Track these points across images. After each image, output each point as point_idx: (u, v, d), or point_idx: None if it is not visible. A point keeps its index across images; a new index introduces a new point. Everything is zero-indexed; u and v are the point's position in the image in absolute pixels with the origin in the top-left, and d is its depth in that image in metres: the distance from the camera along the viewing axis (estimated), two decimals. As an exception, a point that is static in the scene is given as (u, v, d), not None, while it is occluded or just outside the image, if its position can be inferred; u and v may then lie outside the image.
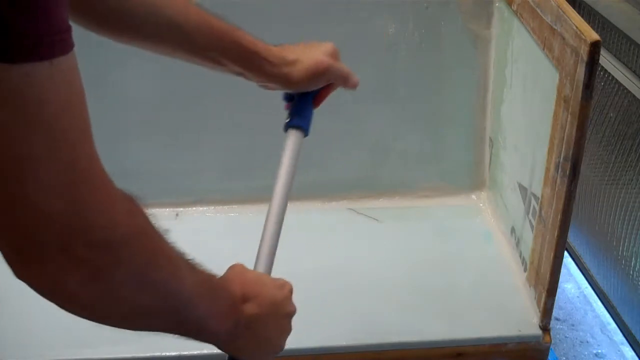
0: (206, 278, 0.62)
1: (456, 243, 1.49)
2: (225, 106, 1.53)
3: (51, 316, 1.30)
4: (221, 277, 0.66)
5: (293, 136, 0.91)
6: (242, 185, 1.59)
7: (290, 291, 0.74)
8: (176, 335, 0.61)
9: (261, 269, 0.79)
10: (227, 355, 0.70)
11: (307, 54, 0.91)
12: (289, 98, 0.96)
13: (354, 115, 1.56)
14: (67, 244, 0.47)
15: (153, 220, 0.56)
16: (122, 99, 1.50)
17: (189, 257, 0.60)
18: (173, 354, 1.21)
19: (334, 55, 0.95)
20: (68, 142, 0.47)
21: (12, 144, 0.44)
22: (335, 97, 1.56)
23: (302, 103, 0.94)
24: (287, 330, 0.74)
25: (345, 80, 0.98)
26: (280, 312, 0.71)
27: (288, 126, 0.92)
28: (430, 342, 1.26)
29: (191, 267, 0.60)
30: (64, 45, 0.48)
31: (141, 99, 1.51)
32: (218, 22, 0.85)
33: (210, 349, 1.30)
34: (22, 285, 0.61)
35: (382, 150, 1.60)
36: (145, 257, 0.53)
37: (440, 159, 1.61)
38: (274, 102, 1.55)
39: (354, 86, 1.00)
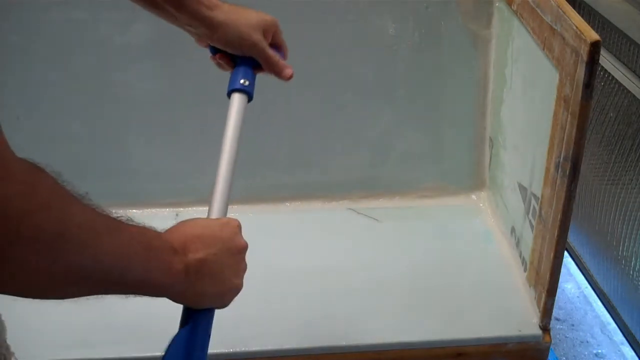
0: (136, 237, 0.61)
1: (456, 243, 1.49)
2: (225, 106, 1.53)
3: (51, 316, 1.31)
4: (159, 232, 0.65)
5: (237, 100, 0.92)
6: (242, 185, 1.59)
7: (237, 227, 0.72)
8: (127, 295, 0.61)
9: (214, 216, 0.79)
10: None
11: (237, 23, 0.92)
12: (213, 51, 0.96)
13: (354, 115, 1.56)
14: None
15: (65, 190, 0.55)
16: (123, 99, 1.50)
17: (116, 218, 0.59)
18: (173, 354, 1.21)
19: (268, 30, 0.95)
20: None
21: None
22: (336, 97, 1.57)
23: (245, 67, 0.94)
24: (242, 266, 0.72)
25: (269, 66, 0.96)
26: (229, 249, 0.69)
27: (231, 89, 0.92)
28: (430, 342, 1.26)
29: (115, 229, 0.59)
30: None
31: (141, 99, 1.51)
32: None
33: (210, 348, 1.30)
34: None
35: (382, 150, 1.60)
36: (51, 231, 0.52)
37: (440, 159, 1.61)
38: (274, 102, 1.56)
39: (282, 78, 0.98)
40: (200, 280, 0.66)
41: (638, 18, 1.52)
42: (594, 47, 1.03)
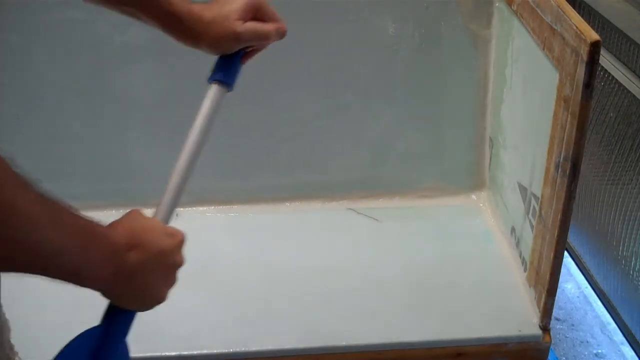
0: (78, 229, 0.61)
1: (456, 243, 1.49)
2: (225, 106, 1.53)
3: (51, 317, 1.31)
4: (103, 226, 0.65)
5: (214, 90, 0.90)
6: (242, 185, 1.59)
7: (182, 242, 0.72)
8: (60, 281, 0.61)
9: (160, 217, 0.77)
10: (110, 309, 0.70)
11: (221, 17, 0.88)
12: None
13: (354, 115, 1.56)
14: None
15: (14, 174, 0.56)
16: (123, 98, 1.50)
17: (59, 208, 0.60)
18: (173, 354, 1.21)
19: (250, 11, 0.90)
20: None
21: None
22: (336, 98, 1.57)
23: (228, 58, 0.91)
24: (172, 281, 0.71)
25: (265, 38, 0.92)
26: (166, 261, 0.69)
27: (211, 80, 0.90)
28: (430, 342, 1.26)
29: (57, 220, 0.59)
30: None
31: (141, 99, 1.51)
32: None
33: (210, 348, 1.30)
34: (22, 286, 0.61)
35: (382, 150, 1.60)
36: None
37: (440, 159, 1.61)
38: (274, 102, 1.56)
39: (279, 38, 0.94)
40: (129, 283, 0.66)
41: (638, 18, 1.52)
42: (594, 47, 1.03)
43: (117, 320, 0.71)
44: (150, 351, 1.21)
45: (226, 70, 0.90)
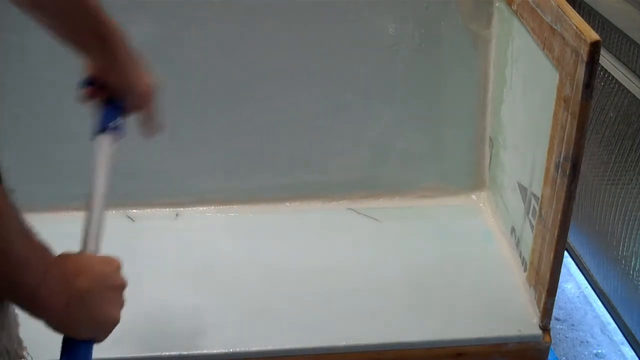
0: (39, 248, 0.65)
1: (456, 243, 1.49)
2: (225, 106, 1.53)
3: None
4: (55, 255, 0.68)
5: (102, 139, 0.92)
6: (242, 185, 1.59)
7: (119, 266, 0.76)
8: (11, 302, 0.65)
9: (90, 250, 0.80)
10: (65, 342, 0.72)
11: (137, 84, 0.99)
12: (87, 83, 0.98)
13: (354, 115, 1.56)
14: None
15: None
16: (122, 99, 1.50)
17: (25, 226, 0.63)
18: (173, 353, 1.21)
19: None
20: None
21: None
22: (336, 97, 1.57)
23: (109, 105, 0.96)
24: (120, 302, 0.75)
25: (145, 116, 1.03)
26: (110, 285, 0.73)
27: (97, 132, 0.93)
28: (430, 342, 1.26)
29: (24, 234, 0.63)
30: None
31: (141, 99, 1.51)
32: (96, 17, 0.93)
33: (210, 348, 1.30)
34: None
35: (382, 150, 1.60)
36: None
37: (440, 159, 1.61)
38: (274, 102, 1.56)
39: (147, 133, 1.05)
40: (80, 309, 0.69)
41: (638, 18, 1.52)
42: (594, 47, 1.03)
43: (77, 354, 0.73)
44: (150, 351, 1.22)
45: (111, 118, 0.95)
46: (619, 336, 1.66)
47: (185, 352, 1.22)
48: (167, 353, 1.21)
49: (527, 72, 1.35)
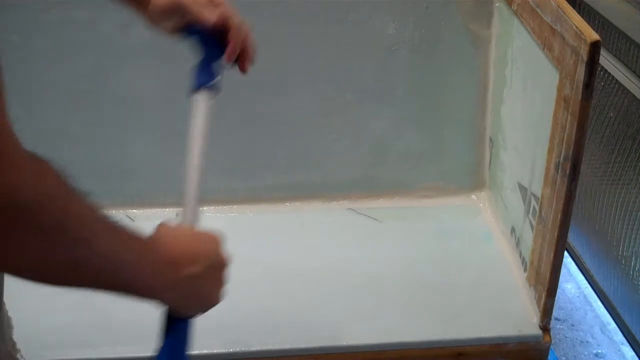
0: (129, 242, 0.63)
1: (456, 243, 1.49)
2: (225, 106, 1.53)
3: (51, 316, 1.31)
4: (151, 239, 0.66)
5: (199, 98, 0.89)
6: (242, 185, 1.59)
7: (220, 244, 0.74)
8: (118, 295, 0.63)
9: (190, 222, 0.80)
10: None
11: None
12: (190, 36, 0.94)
13: (354, 115, 1.56)
14: None
15: (68, 184, 0.57)
16: (122, 98, 1.50)
17: (112, 221, 0.61)
18: (173, 354, 1.21)
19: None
20: None
21: None
22: (335, 98, 1.57)
23: (205, 62, 0.92)
24: (223, 282, 0.75)
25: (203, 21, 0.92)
26: (214, 265, 0.72)
27: (194, 89, 0.90)
28: (430, 342, 1.26)
29: (111, 232, 0.61)
30: None
31: (141, 99, 1.51)
32: None
33: (210, 348, 1.30)
34: (22, 286, 0.61)
35: (382, 150, 1.60)
36: (51, 221, 0.54)
37: (440, 159, 1.61)
38: (274, 102, 1.56)
39: (226, 57, 0.94)
40: (186, 293, 0.68)
41: (638, 18, 1.52)
42: (594, 47, 1.03)
43: (182, 331, 0.73)
44: (151, 351, 1.21)
45: (205, 75, 0.91)
46: (619, 336, 1.66)
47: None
48: (167, 353, 1.21)
49: (527, 72, 1.35)
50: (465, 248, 1.48)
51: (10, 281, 0.73)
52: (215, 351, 1.22)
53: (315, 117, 1.56)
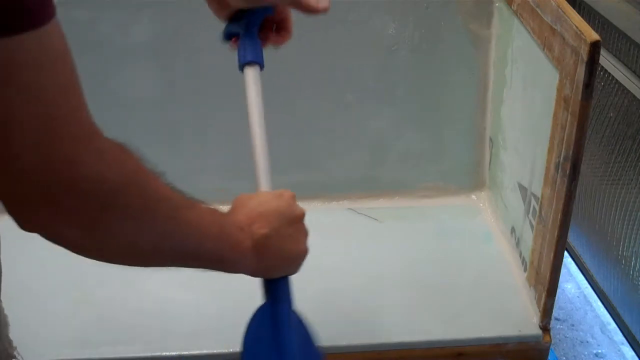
0: (207, 214, 0.66)
1: (456, 243, 1.49)
2: (225, 106, 1.53)
3: (51, 316, 1.30)
4: (225, 212, 0.70)
5: (251, 72, 0.92)
6: (242, 185, 1.58)
7: (292, 197, 0.77)
8: (204, 269, 0.65)
9: (263, 188, 0.83)
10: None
11: None
12: (227, 36, 0.96)
13: (354, 115, 1.56)
14: (54, 197, 0.50)
15: (146, 165, 0.59)
16: (122, 99, 1.50)
17: (187, 195, 0.64)
18: (173, 353, 1.21)
19: None
20: (46, 100, 0.49)
21: None
22: (335, 97, 1.57)
23: (247, 39, 0.94)
24: (304, 232, 0.77)
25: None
26: (288, 220, 0.74)
27: (242, 64, 0.92)
28: (430, 342, 1.26)
29: (190, 205, 0.64)
30: (37, 15, 0.50)
31: (141, 99, 1.51)
32: None
33: (210, 348, 1.30)
34: (22, 286, 0.61)
35: (382, 150, 1.60)
36: (139, 203, 0.56)
37: (440, 159, 1.61)
38: (274, 102, 1.55)
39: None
40: (268, 254, 0.71)
41: (638, 18, 1.52)
42: (594, 47, 1.03)
43: (277, 292, 0.77)
44: (150, 351, 1.22)
45: (251, 50, 0.93)
46: (619, 336, 1.66)
47: (185, 352, 1.22)
48: (167, 353, 1.21)
49: (527, 72, 1.35)
50: (465, 248, 1.48)
51: (10, 281, 0.73)
52: (215, 351, 1.22)
53: (315, 117, 1.56)
